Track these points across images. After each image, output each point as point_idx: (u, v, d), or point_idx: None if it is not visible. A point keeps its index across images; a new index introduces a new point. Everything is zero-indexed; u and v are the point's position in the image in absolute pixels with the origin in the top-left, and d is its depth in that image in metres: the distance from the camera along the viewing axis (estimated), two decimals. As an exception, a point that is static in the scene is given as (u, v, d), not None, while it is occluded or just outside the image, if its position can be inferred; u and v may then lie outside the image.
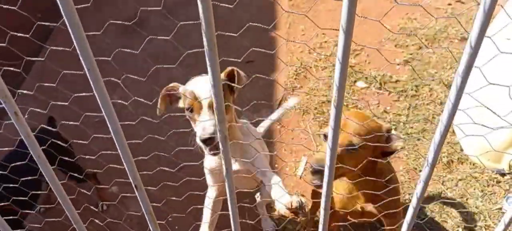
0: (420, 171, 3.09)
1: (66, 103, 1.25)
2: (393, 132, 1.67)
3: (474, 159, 3.07)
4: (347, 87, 3.70)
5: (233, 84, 1.75)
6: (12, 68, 1.13)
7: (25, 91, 1.41)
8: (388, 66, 3.84)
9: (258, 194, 2.79)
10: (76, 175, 2.37)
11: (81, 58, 0.84)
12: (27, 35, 1.06)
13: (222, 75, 1.78)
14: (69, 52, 1.02)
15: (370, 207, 1.81)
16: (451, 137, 3.25)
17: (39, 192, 2.51)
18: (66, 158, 1.76)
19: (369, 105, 3.56)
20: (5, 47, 1.02)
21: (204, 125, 1.66)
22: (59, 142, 1.68)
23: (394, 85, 3.70)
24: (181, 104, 1.84)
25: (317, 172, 1.53)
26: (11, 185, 1.75)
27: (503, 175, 2.99)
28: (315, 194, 2.37)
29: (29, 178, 1.71)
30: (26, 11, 1.06)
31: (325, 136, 1.55)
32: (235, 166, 1.90)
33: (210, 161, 1.96)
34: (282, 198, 1.57)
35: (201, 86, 1.73)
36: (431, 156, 0.99)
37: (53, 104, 1.37)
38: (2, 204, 1.84)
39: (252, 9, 4.65)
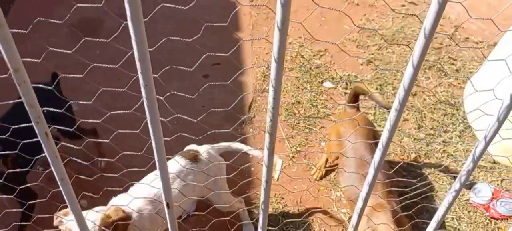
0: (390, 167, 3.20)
1: None
2: None
3: (500, 159, 3.19)
4: (315, 88, 3.75)
5: None
6: None
7: None
8: (352, 66, 3.94)
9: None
10: (71, 130, 2.01)
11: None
12: None
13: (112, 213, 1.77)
14: None
15: None
16: (417, 133, 3.40)
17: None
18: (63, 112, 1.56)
19: (337, 105, 3.63)
20: None
21: None
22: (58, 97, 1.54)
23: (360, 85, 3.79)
24: None
25: None
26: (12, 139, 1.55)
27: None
28: None
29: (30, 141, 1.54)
30: None
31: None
32: None
33: None
34: None
35: (90, 215, 1.68)
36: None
37: None
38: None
39: (214, 11, 4.57)
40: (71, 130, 2.04)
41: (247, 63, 4.00)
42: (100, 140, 2.66)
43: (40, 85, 1.08)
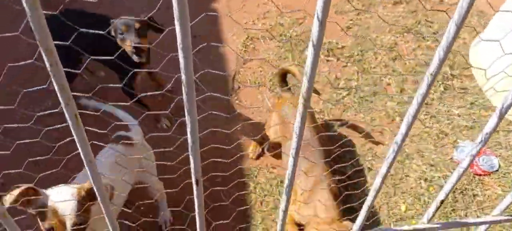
0: (378, 131, 3.25)
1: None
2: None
3: (509, 117, 3.28)
4: (297, 56, 3.72)
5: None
6: None
7: None
8: (332, 33, 3.92)
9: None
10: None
11: None
12: None
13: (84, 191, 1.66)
14: None
15: None
16: (401, 97, 3.45)
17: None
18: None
19: (320, 72, 3.62)
20: None
21: None
22: None
23: (341, 52, 3.80)
24: (40, 219, 1.63)
25: None
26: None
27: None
28: None
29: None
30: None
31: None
32: None
33: None
34: None
35: (64, 204, 1.58)
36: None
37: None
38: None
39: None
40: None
41: (226, 34, 3.91)
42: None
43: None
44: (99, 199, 1.07)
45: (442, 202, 1.33)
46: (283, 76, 2.85)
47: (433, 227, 1.42)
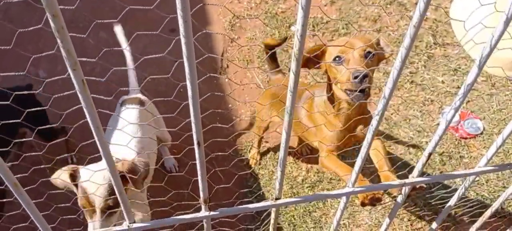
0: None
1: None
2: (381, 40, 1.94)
3: (489, 70, 3.42)
4: (283, 33, 3.76)
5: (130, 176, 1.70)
6: None
7: None
8: (316, 8, 3.96)
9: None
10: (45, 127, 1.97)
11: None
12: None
13: (119, 166, 1.70)
14: None
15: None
16: (385, 67, 3.52)
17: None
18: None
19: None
20: None
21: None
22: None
23: (326, 26, 3.85)
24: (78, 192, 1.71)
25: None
26: None
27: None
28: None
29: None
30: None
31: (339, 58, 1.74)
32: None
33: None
34: None
35: (97, 190, 1.63)
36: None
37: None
38: None
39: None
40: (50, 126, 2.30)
41: (212, 14, 3.92)
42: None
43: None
44: (109, 168, 1.09)
45: (429, 155, 1.40)
46: (272, 57, 2.62)
47: (421, 181, 1.50)
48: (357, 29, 3.80)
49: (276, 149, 3.06)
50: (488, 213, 2.01)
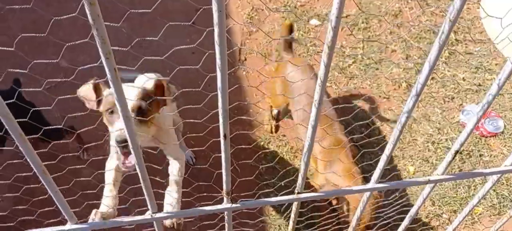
0: (384, 97, 3.29)
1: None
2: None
3: None
4: (302, 26, 3.74)
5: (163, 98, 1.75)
6: None
7: None
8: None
9: None
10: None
11: None
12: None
13: (151, 87, 1.79)
14: None
15: None
16: (406, 63, 3.48)
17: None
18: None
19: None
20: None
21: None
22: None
23: (346, 20, 3.81)
24: (101, 108, 1.75)
25: None
26: None
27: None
28: None
29: None
30: None
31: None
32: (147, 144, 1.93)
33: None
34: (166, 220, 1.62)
35: (128, 90, 1.67)
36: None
37: None
38: None
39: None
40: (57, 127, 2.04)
41: (231, 6, 3.91)
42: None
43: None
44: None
45: (456, 152, 1.38)
46: (289, 43, 2.87)
47: (446, 178, 1.48)
48: (377, 23, 3.75)
49: (292, 143, 3.05)
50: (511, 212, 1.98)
